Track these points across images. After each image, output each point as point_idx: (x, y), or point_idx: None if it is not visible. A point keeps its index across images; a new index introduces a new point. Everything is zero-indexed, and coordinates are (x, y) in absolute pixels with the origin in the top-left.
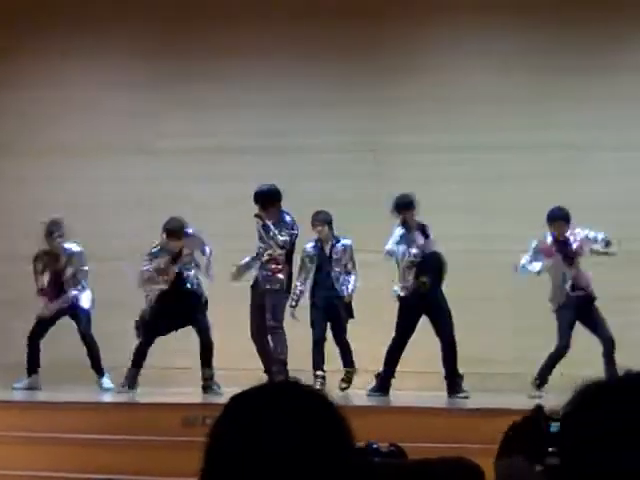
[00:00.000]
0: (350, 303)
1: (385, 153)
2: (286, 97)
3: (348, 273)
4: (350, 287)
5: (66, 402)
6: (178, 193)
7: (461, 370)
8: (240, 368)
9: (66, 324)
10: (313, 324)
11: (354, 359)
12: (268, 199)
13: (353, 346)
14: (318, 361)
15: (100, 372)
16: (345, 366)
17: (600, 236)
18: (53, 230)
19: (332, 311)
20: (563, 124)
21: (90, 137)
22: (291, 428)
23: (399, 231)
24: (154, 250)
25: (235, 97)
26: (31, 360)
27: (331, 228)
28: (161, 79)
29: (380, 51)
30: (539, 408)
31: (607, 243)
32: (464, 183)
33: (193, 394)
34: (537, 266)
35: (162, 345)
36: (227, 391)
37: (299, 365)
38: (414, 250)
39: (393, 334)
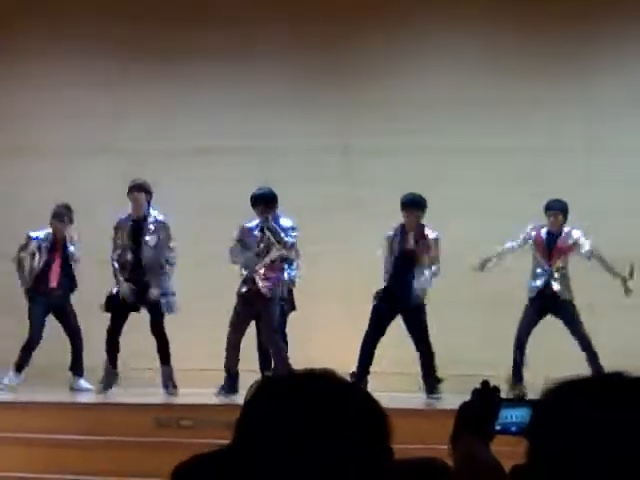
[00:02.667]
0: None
1: (353, 155)
2: (254, 98)
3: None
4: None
5: (36, 402)
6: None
7: (441, 371)
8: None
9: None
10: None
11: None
12: (270, 202)
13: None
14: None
15: (79, 372)
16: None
17: (587, 247)
18: (64, 214)
19: None
20: (531, 128)
21: (64, 138)
22: (327, 415)
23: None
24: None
25: (202, 98)
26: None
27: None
28: (131, 80)
29: (348, 53)
30: (485, 384)
31: (631, 273)
32: (429, 185)
33: (167, 395)
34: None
35: (138, 346)
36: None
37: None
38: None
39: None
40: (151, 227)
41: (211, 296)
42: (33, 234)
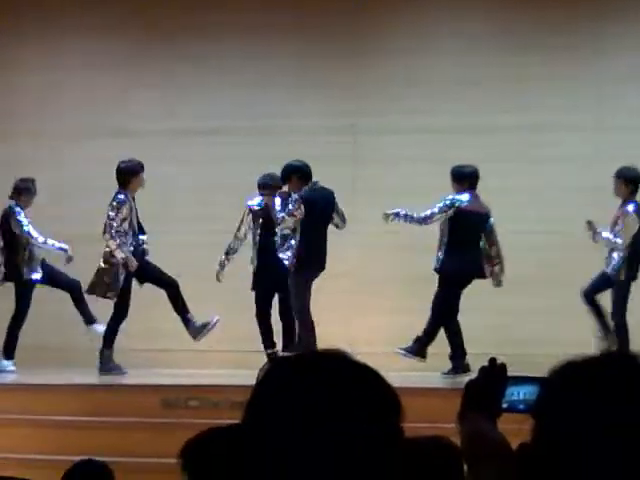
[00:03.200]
0: None
1: (358, 135)
2: (259, 79)
3: None
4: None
5: (44, 384)
6: (149, 175)
7: (441, 350)
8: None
9: (40, 306)
10: None
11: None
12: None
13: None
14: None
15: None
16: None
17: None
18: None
19: None
20: (535, 105)
21: (59, 120)
22: (353, 407)
23: None
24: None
25: (208, 78)
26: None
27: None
28: (132, 60)
29: (352, 34)
30: (492, 361)
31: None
32: (434, 165)
33: (174, 375)
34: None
35: (142, 326)
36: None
37: None
38: None
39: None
40: None
41: (209, 276)
42: None
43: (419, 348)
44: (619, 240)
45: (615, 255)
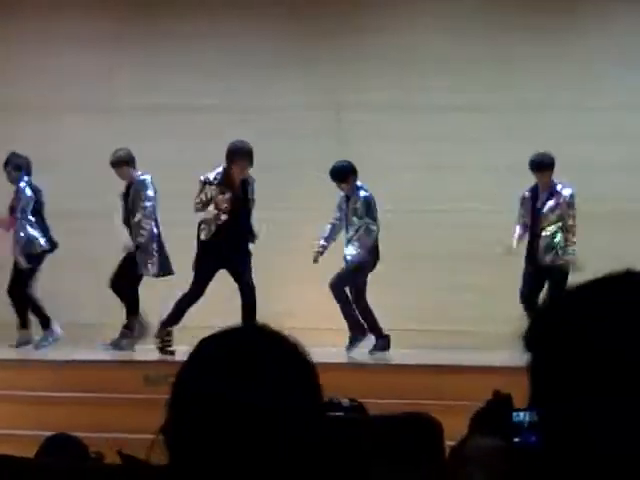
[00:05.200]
0: None
1: (344, 112)
2: (242, 56)
3: None
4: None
5: (25, 360)
6: (136, 152)
7: (422, 327)
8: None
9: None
10: None
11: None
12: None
13: None
14: None
15: None
16: None
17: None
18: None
19: None
20: (519, 84)
21: (48, 95)
22: (265, 374)
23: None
24: None
25: (191, 56)
26: None
27: None
28: (121, 36)
29: (335, 11)
30: (498, 394)
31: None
32: (419, 143)
33: (156, 351)
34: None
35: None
36: None
37: None
38: None
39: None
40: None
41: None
42: None
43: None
44: None
45: None
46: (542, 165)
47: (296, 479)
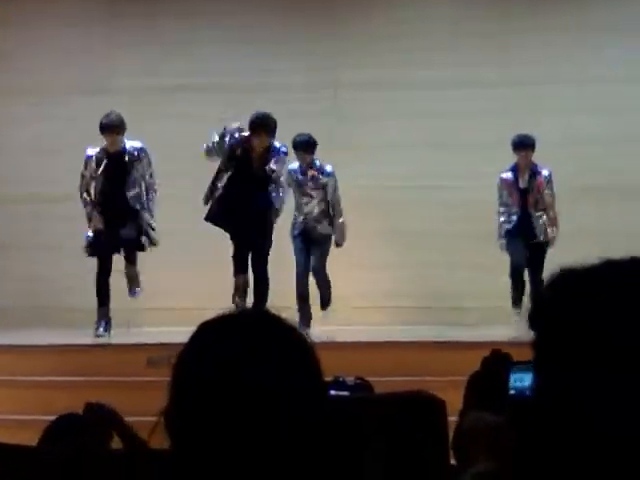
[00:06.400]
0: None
1: (338, 90)
2: (239, 34)
3: None
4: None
5: (25, 345)
6: (134, 132)
7: (421, 304)
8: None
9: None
10: None
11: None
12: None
13: None
14: None
15: None
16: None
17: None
18: None
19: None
20: (518, 59)
21: (45, 76)
22: (266, 355)
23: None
24: None
25: (187, 35)
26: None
27: None
28: (117, 16)
29: None
30: (496, 352)
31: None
32: (419, 119)
33: (158, 334)
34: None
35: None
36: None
37: None
38: None
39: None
40: (128, 159)
41: (197, 232)
42: None
43: None
44: None
45: None
46: (526, 144)
47: (297, 460)
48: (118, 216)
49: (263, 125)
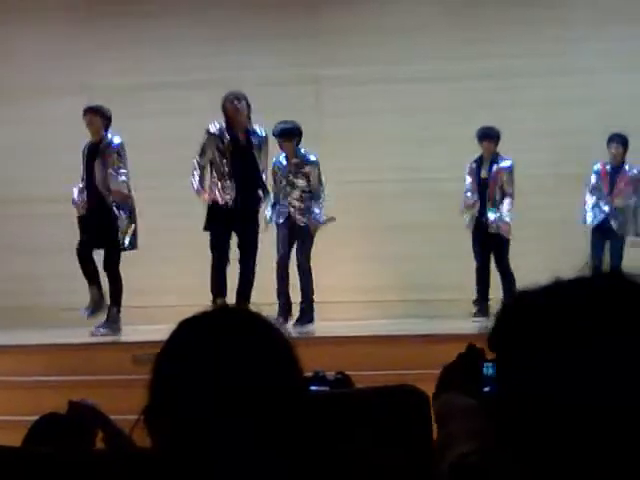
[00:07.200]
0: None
1: (323, 85)
2: (220, 30)
3: None
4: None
5: (10, 345)
6: (119, 131)
7: (408, 297)
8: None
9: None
10: None
11: None
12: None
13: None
14: None
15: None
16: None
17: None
18: None
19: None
20: (497, 53)
21: (23, 77)
22: (244, 353)
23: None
24: None
25: (168, 32)
26: None
27: None
28: (95, 18)
29: None
30: (471, 347)
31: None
32: (399, 115)
33: (144, 332)
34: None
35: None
36: None
37: None
38: None
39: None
40: (105, 151)
41: (182, 230)
42: None
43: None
44: None
45: None
46: (489, 136)
47: (279, 457)
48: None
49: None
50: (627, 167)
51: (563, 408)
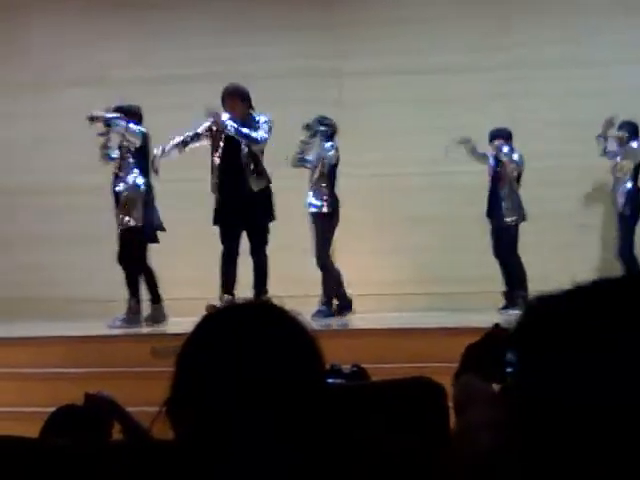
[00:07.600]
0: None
1: (343, 77)
2: (238, 22)
3: None
4: None
5: (29, 337)
6: None
7: (427, 290)
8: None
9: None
10: None
11: None
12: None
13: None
14: None
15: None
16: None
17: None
18: None
19: None
20: (513, 43)
21: (31, 69)
22: (268, 346)
23: None
24: None
25: (182, 24)
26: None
27: None
28: (103, 7)
29: None
30: (497, 327)
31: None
32: (419, 106)
33: (165, 324)
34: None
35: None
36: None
37: None
38: None
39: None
40: None
41: (195, 222)
42: None
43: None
44: None
45: None
46: (500, 137)
47: (299, 450)
48: None
49: (232, 92)
50: None
51: (588, 410)
